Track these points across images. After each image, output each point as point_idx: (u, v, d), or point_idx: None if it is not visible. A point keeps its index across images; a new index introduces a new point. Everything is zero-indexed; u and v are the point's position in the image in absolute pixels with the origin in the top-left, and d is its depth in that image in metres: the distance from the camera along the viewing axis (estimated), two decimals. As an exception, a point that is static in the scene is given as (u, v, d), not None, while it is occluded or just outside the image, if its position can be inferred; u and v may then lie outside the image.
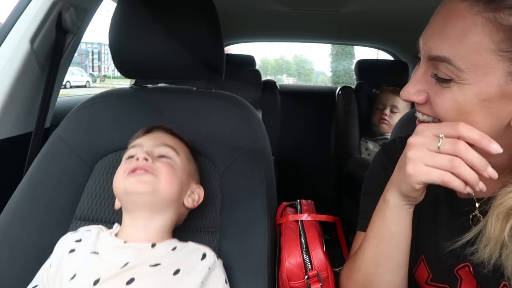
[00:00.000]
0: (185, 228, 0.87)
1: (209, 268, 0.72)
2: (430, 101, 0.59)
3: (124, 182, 0.74)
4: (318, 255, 0.74)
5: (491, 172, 0.52)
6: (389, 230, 0.64)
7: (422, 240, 0.70)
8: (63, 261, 0.72)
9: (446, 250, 0.64)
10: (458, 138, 0.53)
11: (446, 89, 0.56)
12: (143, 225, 0.74)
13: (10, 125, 1.13)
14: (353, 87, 2.39)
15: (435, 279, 0.70)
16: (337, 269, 0.79)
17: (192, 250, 0.75)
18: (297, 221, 0.84)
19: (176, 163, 0.78)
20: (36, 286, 0.73)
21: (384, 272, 0.66)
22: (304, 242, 0.76)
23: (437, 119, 0.59)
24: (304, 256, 0.74)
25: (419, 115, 0.62)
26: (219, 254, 0.84)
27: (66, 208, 0.89)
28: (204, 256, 0.74)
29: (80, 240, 0.75)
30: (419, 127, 0.57)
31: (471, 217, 0.64)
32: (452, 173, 0.52)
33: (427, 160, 0.54)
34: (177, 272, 0.70)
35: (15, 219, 0.86)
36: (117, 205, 0.81)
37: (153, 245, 0.73)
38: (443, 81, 0.56)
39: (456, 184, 0.52)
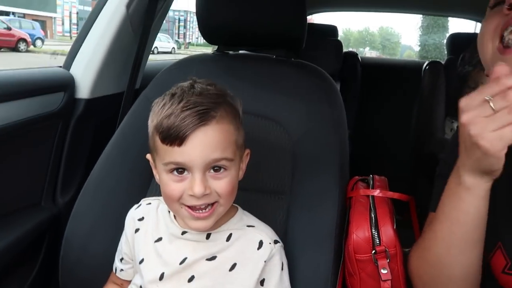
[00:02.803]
0: (256, 189, 0.90)
1: (265, 261, 0.71)
2: None
3: (181, 213, 0.69)
4: (388, 232, 0.73)
5: None
6: (466, 213, 0.60)
7: (499, 226, 0.65)
8: (134, 241, 0.78)
9: None
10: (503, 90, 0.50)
11: None
12: None
13: (106, 84, 1.24)
14: (443, 62, 2.21)
15: None
16: (407, 250, 0.77)
17: (248, 239, 0.73)
18: (368, 196, 0.83)
19: (232, 171, 0.68)
20: (122, 258, 0.81)
21: (457, 253, 0.63)
22: (374, 217, 0.75)
23: None
24: (373, 231, 0.73)
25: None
26: (287, 221, 0.87)
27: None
28: (260, 244, 0.72)
29: (142, 219, 0.79)
30: (462, 104, 0.53)
31: None
32: None
33: (491, 126, 0.50)
34: (233, 267, 0.71)
35: (109, 165, 0.96)
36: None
37: (208, 236, 0.73)
38: None
39: None
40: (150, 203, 0.81)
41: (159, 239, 0.75)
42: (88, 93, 1.17)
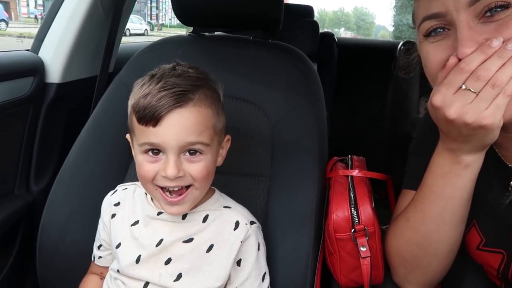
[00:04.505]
0: (235, 172, 0.89)
1: (241, 242, 0.72)
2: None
3: (156, 195, 0.69)
4: (366, 210, 0.75)
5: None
6: (463, 188, 0.63)
7: (474, 204, 0.68)
8: (111, 227, 0.77)
9: (501, 214, 0.62)
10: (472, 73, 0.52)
11: (507, 18, 0.53)
12: None
13: (77, 68, 1.20)
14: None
15: (489, 243, 0.68)
16: (384, 227, 0.79)
17: (224, 220, 0.73)
18: (347, 176, 0.84)
19: (208, 156, 0.68)
20: (101, 245, 0.80)
21: (448, 229, 0.66)
22: (353, 196, 0.77)
23: None
24: (352, 210, 0.75)
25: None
26: (267, 203, 0.87)
27: (126, 148, 0.94)
28: (237, 225, 0.73)
29: (118, 204, 0.78)
30: (437, 103, 0.55)
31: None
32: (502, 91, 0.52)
33: (483, 105, 0.52)
34: (210, 248, 0.71)
35: (83, 153, 0.94)
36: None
37: (184, 217, 0.72)
38: (501, 11, 0.53)
39: None
40: (126, 188, 0.81)
41: (136, 223, 0.75)
42: (59, 77, 1.13)
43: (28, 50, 1.16)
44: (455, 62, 0.55)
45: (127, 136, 0.73)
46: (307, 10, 2.65)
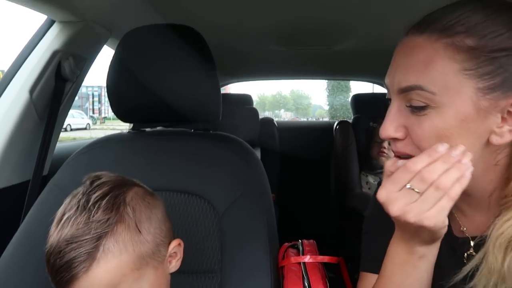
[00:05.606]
0: (185, 272, 0.84)
1: None
2: (410, 134, 0.59)
3: None
4: (323, 299, 0.72)
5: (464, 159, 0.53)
6: (420, 279, 0.61)
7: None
8: None
9: None
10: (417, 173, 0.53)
11: (424, 117, 0.56)
12: None
13: (8, 174, 1.12)
14: (350, 121, 2.41)
15: None
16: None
17: None
18: (299, 263, 0.82)
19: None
20: None
21: None
22: (308, 285, 0.74)
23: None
24: (308, 300, 0.72)
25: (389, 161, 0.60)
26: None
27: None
28: None
29: None
30: (382, 198, 0.56)
31: (465, 255, 0.63)
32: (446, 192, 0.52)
33: (426, 206, 0.53)
34: None
35: (11, 269, 0.84)
36: None
37: None
38: (420, 109, 0.56)
39: (460, 188, 0.52)
40: None
41: None
42: (-15, 186, 1.05)
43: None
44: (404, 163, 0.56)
45: None
46: (246, 99, 2.80)
